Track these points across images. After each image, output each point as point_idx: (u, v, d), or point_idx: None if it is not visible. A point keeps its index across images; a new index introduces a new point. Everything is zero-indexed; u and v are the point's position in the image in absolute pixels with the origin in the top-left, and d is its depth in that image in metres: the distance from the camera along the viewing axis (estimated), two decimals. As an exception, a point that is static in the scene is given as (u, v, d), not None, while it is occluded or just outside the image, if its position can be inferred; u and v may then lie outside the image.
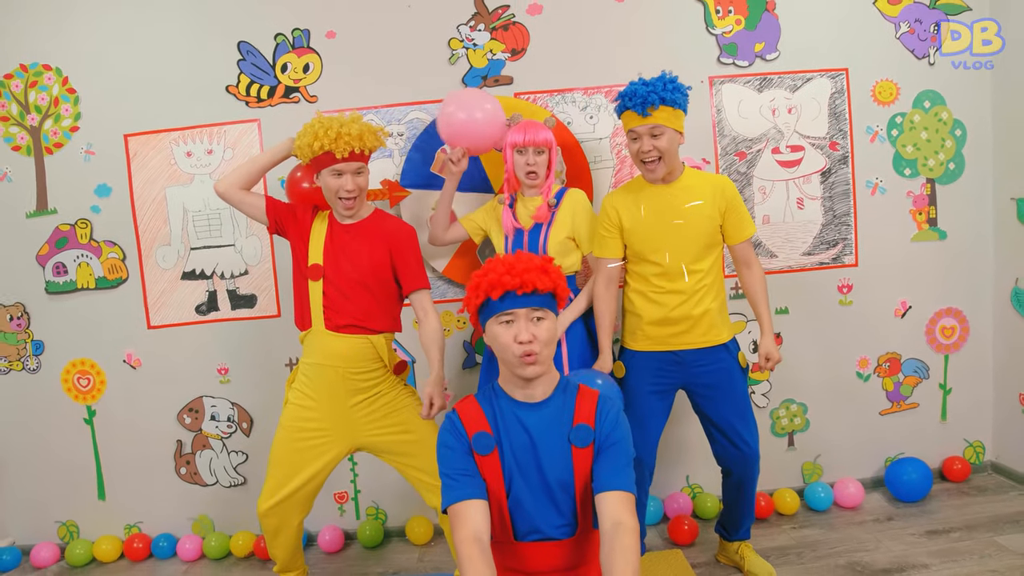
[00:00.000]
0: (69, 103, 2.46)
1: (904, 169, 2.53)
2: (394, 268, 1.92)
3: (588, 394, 1.37)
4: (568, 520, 1.34)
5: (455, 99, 2.12)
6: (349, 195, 1.86)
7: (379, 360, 1.90)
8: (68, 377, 2.55)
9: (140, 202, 2.48)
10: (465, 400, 1.40)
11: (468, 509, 1.27)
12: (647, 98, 1.84)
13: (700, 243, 1.93)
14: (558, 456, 1.32)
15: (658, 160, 1.89)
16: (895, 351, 2.58)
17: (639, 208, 1.96)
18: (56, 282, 2.51)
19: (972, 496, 2.47)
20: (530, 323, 1.30)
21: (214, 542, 2.50)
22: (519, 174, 2.09)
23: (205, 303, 2.50)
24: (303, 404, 1.91)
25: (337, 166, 1.84)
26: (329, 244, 1.90)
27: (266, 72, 2.44)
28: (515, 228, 2.09)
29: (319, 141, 1.80)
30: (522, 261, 1.31)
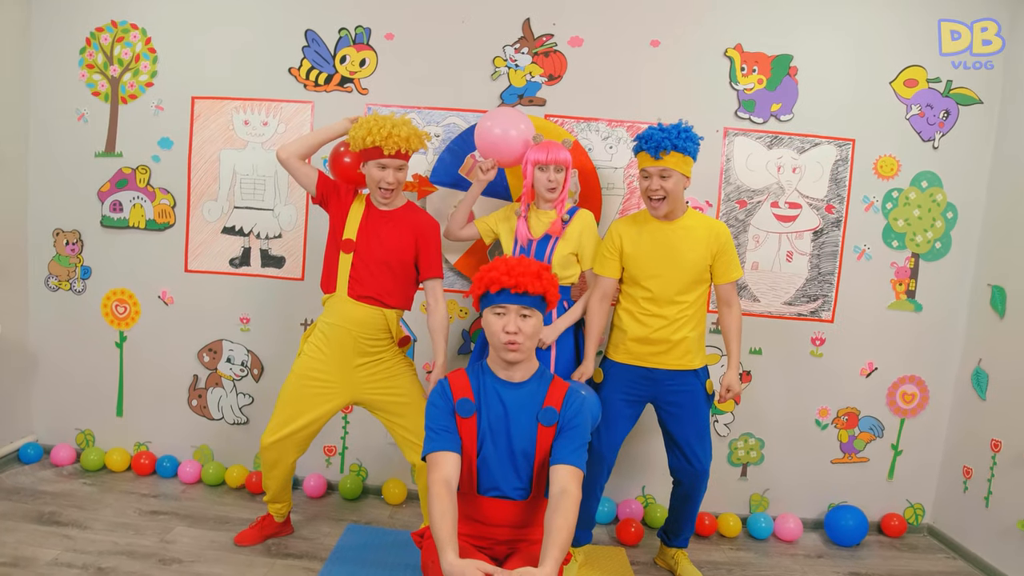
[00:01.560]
0: (148, 61, 2.74)
1: (892, 241, 2.71)
2: (416, 255, 2.17)
3: (560, 385, 1.63)
4: (524, 485, 1.59)
5: (495, 116, 2.36)
6: (389, 187, 2.11)
7: (388, 331, 2.16)
8: (108, 303, 2.84)
9: (196, 158, 2.76)
10: (457, 371, 1.67)
11: (443, 458, 1.52)
12: (661, 143, 2.06)
13: (689, 278, 2.15)
14: (526, 430, 1.57)
15: (663, 199, 2.11)
16: (855, 407, 2.77)
17: (640, 238, 2.18)
18: (111, 217, 2.80)
19: (902, 551, 2.66)
20: (518, 318, 1.55)
21: (212, 470, 2.78)
22: (539, 189, 2.28)
23: (239, 257, 2.78)
24: (316, 356, 2.16)
25: (383, 160, 2.07)
26: (364, 224, 2.14)
27: (326, 60, 2.70)
28: (528, 239, 2.29)
29: (372, 136, 2.03)
30: (521, 265, 1.56)
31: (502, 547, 1.60)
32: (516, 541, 1.61)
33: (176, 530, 2.37)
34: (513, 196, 2.66)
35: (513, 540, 1.60)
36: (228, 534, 2.36)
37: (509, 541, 1.60)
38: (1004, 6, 2.59)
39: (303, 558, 2.26)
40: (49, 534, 2.26)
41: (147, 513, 2.48)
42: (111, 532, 2.31)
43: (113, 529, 2.33)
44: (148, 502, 2.58)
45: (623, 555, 2.45)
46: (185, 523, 2.43)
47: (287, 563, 2.22)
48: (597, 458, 2.19)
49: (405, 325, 2.72)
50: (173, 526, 2.40)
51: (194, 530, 2.38)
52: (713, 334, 2.66)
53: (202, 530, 2.39)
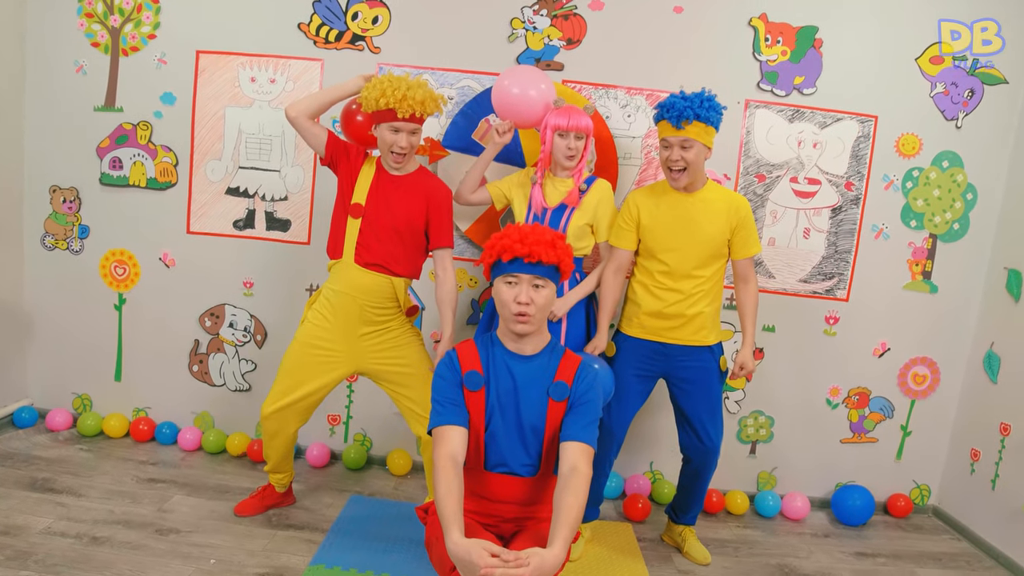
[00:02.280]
0: (151, 11, 2.63)
1: (911, 221, 2.68)
2: (427, 222, 2.10)
3: (572, 359, 1.57)
4: (533, 461, 1.54)
5: (512, 74, 2.26)
6: (401, 151, 2.02)
7: (395, 300, 2.10)
8: (106, 264, 2.76)
9: (200, 115, 2.66)
10: (465, 342, 1.60)
11: (450, 432, 1.46)
12: (683, 112, 1.99)
13: (706, 252, 2.10)
14: (536, 404, 1.52)
15: (683, 170, 2.05)
16: (866, 387, 2.75)
17: (658, 209, 2.12)
18: (111, 175, 2.71)
19: (907, 532, 2.66)
20: (531, 288, 1.48)
21: (212, 438, 2.72)
22: (558, 156, 2.19)
23: (243, 219, 2.70)
24: (320, 324, 2.10)
25: (396, 123, 1.98)
26: (375, 189, 2.07)
27: (338, 17, 2.60)
28: (543, 207, 2.21)
29: (385, 98, 1.94)
30: (535, 233, 1.49)
31: (509, 525, 1.56)
32: (524, 519, 1.56)
33: (174, 499, 2.32)
34: (527, 161, 2.59)
35: (521, 518, 1.56)
36: (228, 504, 2.31)
37: (516, 519, 1.56)
38: (1004, 6, 2.54)
39: (304, 529, 2.22)
40: (42, 501, 2.20)
41: (145, 481, 2.43)
42: (107, 500, 2.26)
43: (109, 497, 2.28)
44: (146, 469, 2.52)
45: (630, 531, 2.43)
46: (184, 492, 2.38)
47: (288, 534, 2.17)
48: (607, 434, 2.15)
49: (413, 294, 2.66)
50: (171, 495, 2.35)
51: (193, 499, 2.33)
52: (728, 310, 2.63)
53: (201, 499, 2.34)
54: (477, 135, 2.60)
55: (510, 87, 2.23)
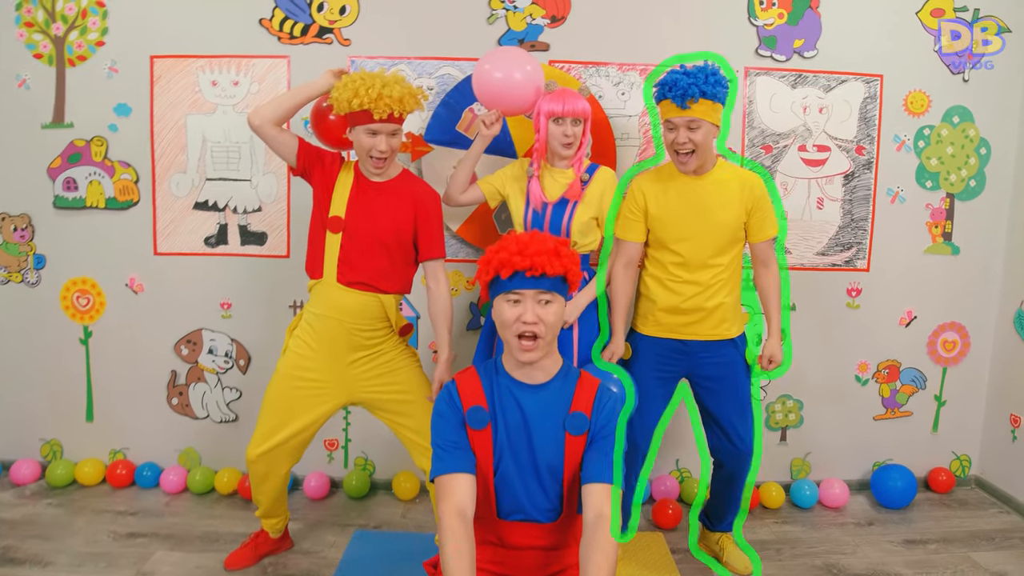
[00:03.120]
0: (97, 16, 2.41)
1: (926, 181, 2.54)
2: (415, 232, 1.91)
3: (589, 383, 1.36)
4: (554, 504, 1.34)
5: (493, 57, 2.08)
6: (381, 155, 1.83)
7: (386, 320, 1.89)
8: (67, 295, 2.51)
9: (159, 126, 2.44)
10: (465, 371, 1.39)
11: (455, 482, 1.26)
12: (687, 90, 1.78)
13: (723, 239, 1.91)
14: (551, 440, 1.31)
15: (691, 153, 1.86)
16: (895, 359, 2.60)
17: (667, 196, 1.93)
18: (65, 197, 2.47)
19: (953, 509, 2.50)
20: (537, 305, 1.28)
21: (199, 476, 2.48)
22: (554, 145, 2.01)
23: (215, 235, 2.48)
24: (303, 353, 1.89)
25: (373, 126, 1.79)
26: (354, 199, 1.86)
27: (302, 9, 2.40)
28: (542, 202, 2.03)
29: (359, 99, 1.75)
30: (535, 242, 1.29)
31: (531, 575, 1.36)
32: (547, 567, 1.36)
33: (156, 556, 2.06)
34: (519, 151, 2.41)
35: (544, 566, 1.36)
36: (218, 555, 2.05)
37: (540, 567, 1.35)
38: (1004, 6, 2.45)
39: (305, 577, 1.98)
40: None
41: (123, 537, 2.17)
42: (78, 567, 1.98)
43: (81, 563, 2.00)
44: (125, 522, 2.27)
45: (662, 541, 2.23)
46: (167, 545, 2.12)
47: (288, 585, 1.94)
48: (631, 446, 1.93)
49: (409, 304, 2.46)
50: (153, 551, 2.09)
51: (177, 553, 2.08)
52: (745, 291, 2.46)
53: (187, 552, 2.09)
54: (462, 127, 2.42)
55: (492, 71, 2.04)
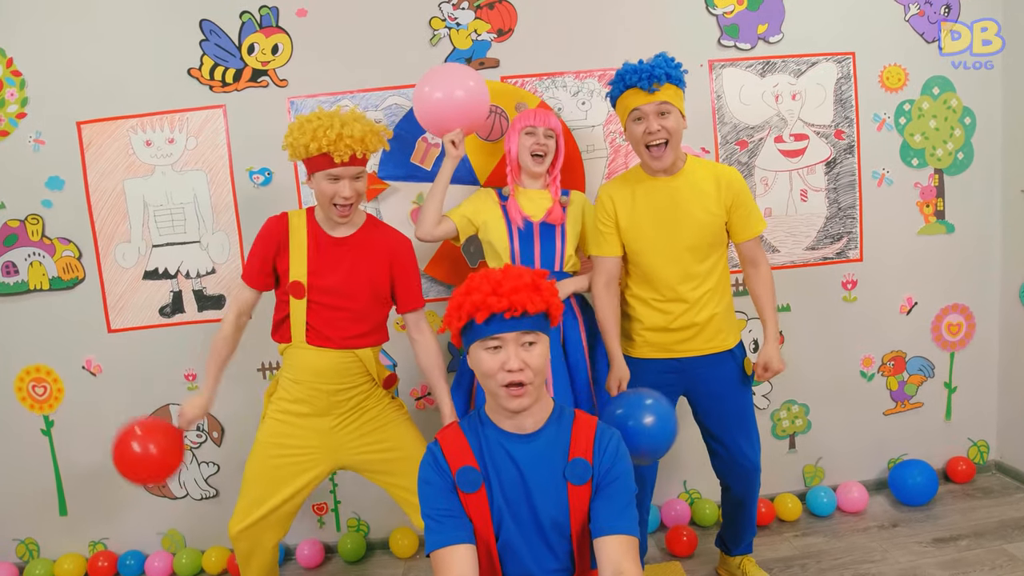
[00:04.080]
0: (15, 87, 2.25)
1: (912, 159, 2.41)
2: (392, 285, 1.78)
3: (585, 424, 1.24)
4: (564, 564, 1.22)
5: (430, 78, 1.94)
6: (346, 202, 1.68)
7: (366, 374, 1.77)
8: (22, 385, 2.36)
9: (96, 196, 2.28)
10: (448, 429, 1.26)
11: (452, 556, 1.14)
12: (653, 71, 1.66)
13: (703, 242, 1.77)
14: (552, 494, 1.19)
15: (665, 144, 1.70)
16: (900, 349, 2.48)
17: (635, 202, 1.79)
18: (7, 283, 2.31)
19: (978, 499, 2.39)
20: (520, 348, 1.15)
21: (185, 559, 2.35)
22: (524, 158, 1.92)
23: (170, 304, 2.33)
24: (283, 420, 1.76)
25: (335, 171, 1.65)
26: (315, 259, 1.72)
27: (231, 54, 2.25)
28: (525, 219, 1.91)
29: (316, 141, 1.61)
30: (510, 278, 1.15)
31: None
32: None
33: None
34: (480, 179, 2.27)
35: None
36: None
37: None
38: (1004, 6, 2.33)
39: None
40: None
41: (113, 631, 2.05)
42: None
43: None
44: (113, 614, 2.15)
45: (679, 570, 2.12)
46: (161, 633, 2.01)
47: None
48: (637, 478, 1.82)
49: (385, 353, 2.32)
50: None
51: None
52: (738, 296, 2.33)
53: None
54: (416, 158, 2.27)
55: (432, 93, 1.91)
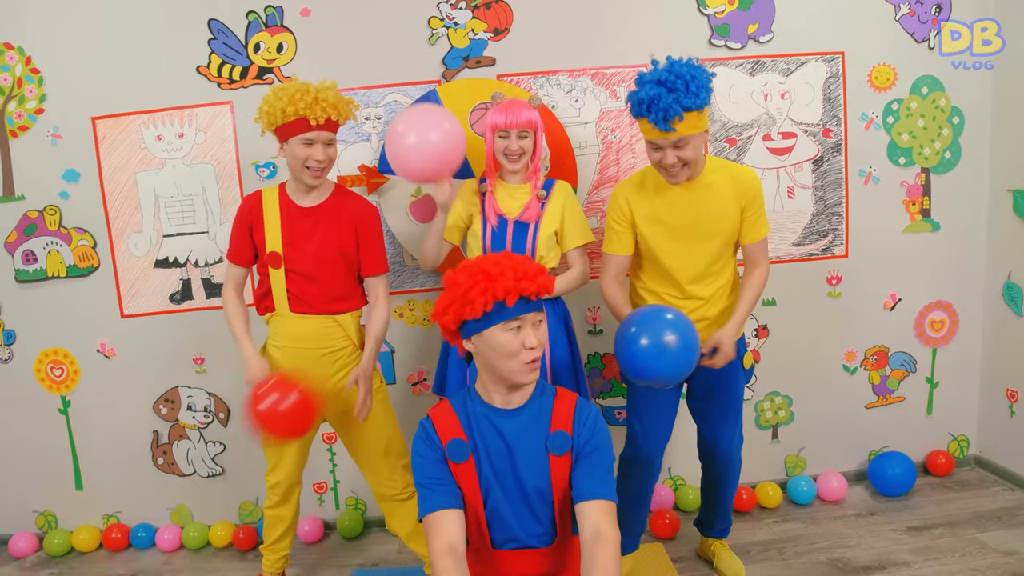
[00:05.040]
0: (33, 84, 2.36)
1: (899, 158, 2.46)
2: (358, 249, 1.88)
3: (566, 399, 1.34)
4: (547, 528, 1.32)
5: (403, 120, 1.89)
6: (319, 165, 1.78)
7: (348, 339, 1.88)
8: (41, 367, 2.50)
9: (110, 188, 2.40)
10: (439, 405, 1.37)
11: (443, 519, 1.24)
12: (669, 111, 1.58)
13: (720, 245, 1.80)
14: (536, 463, 1.29)
15: (682, 167, 1.70)
16: (883, 344, 2.54)
17: (654, 211, 1.79)
18: (26, 270, 2.44)
19: (955, 491, 2.46)
20: (534, 328, 1.26)
21: (193, 532, 2.48)
22: (500, 159, 1.94)
23: (179, 292, 2.44)
24: None
25: (309, 134, 1.75)
26: (287, 230, 1.83)
27: (238, 52, 2.34)
28: (498, 216, 1.95)
29: (294, 106, 1.71)
30: (525, 263, 1.26)
31: None
32: None
33: (161, 612, 2.08)
34: (475, 172, 2.35)
35: None
36: (220, 607, 2.08)
37: None
38: (1004, 6, 2.35)
39: (307, 620, 1.99)
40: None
41: (127, 597, 2.19)
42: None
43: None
44: (127, 583, 2.29)
45: (661, 551, 2.21)
46: (171, 601, 2.15)
47: (291, 627, 1.95)
48: (645, 464, 1.90)
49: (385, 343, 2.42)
50: (158, 608, 2.11)
51: (182, 607, 2.10)
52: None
53: (190, 607, 2.11)
54: (416, 153, 2.36)
55: (405, 136, 1.84)
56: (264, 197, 1.87)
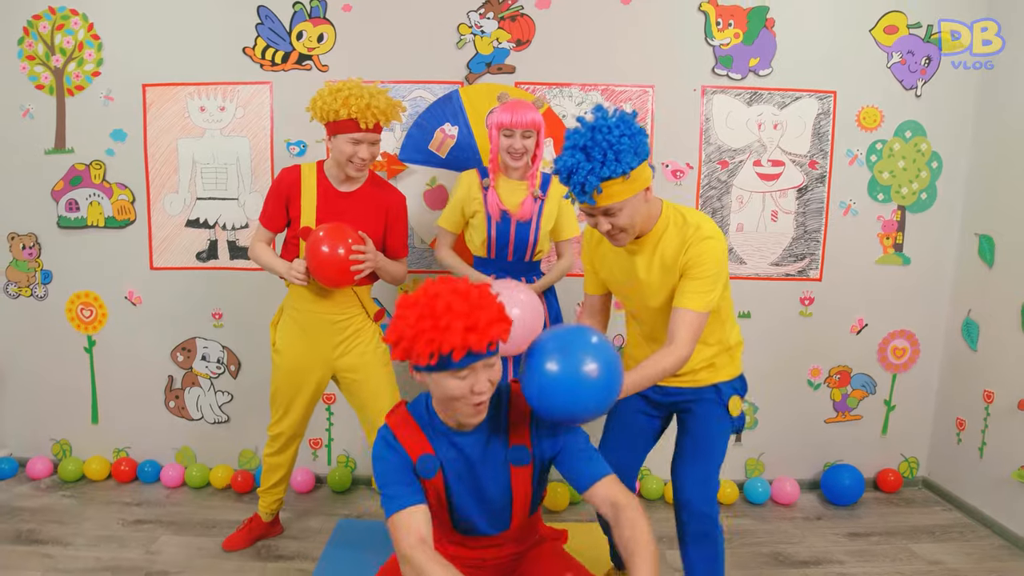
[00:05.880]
0: (93, 48, 2.59)
1: (878, 194, 2.65)
2: (385, 235, 2.07)
3: (519, 408, 1.32)
4: (506, 526, 1.38)
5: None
6: (363, 163, 1.95)
7: (360, 308, 2.07)
8: (72, 307, 2.72)
9: (152, 150, 2.62)
10: (398, 415, 1.31)
11: (411, 517, 1.22)
12: (586, 184, 1.38)
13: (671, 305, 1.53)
14: (498, 478, 1.31)
15: (620, 232, 1.49)
16: (847, 364, 2.73)
17: (605, 263, 1.66)
18: (68, 217, 2.67)
19: (899, 507, 2.65)
20: (486, 371, 1.18)
21: (195, 472, 2.70)
22: (503, 156, 2.07)
23: (206, 251, 2.66)
24: (293, 346, 2.07)
25: (356, 135, 1.90)
26: (323, 209, 2.01)
27: (282, 38, 2.56)
28: (501, 211, 2.10)
29: (347, 108, 1.86)
30: (479, 307, 1.13)
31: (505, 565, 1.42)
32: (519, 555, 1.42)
33: (162, 539, 2.29)
34: (484, 158, 2.53)
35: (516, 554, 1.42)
36: (216, 539, 2.29)
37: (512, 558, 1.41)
38: (1004, 6, 2.48)
39: (295, 559, 2.20)
40: (29, 554, 2.17)
41: (131, 523, 2.40)
42: (94, 547, 2.23)
43: (96, 544, 2.25)
44: (131, 511, 2.50)
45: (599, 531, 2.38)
46: (170, 531, 2.35)
47: (279, 566, 2.15)
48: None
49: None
50: (158, 535, 2.32)
51: (180, 538, 2.31)
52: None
53: (189, 537, 2.31)
54: (434, 146, 2.57)
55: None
56: (303, 173, 2.04)
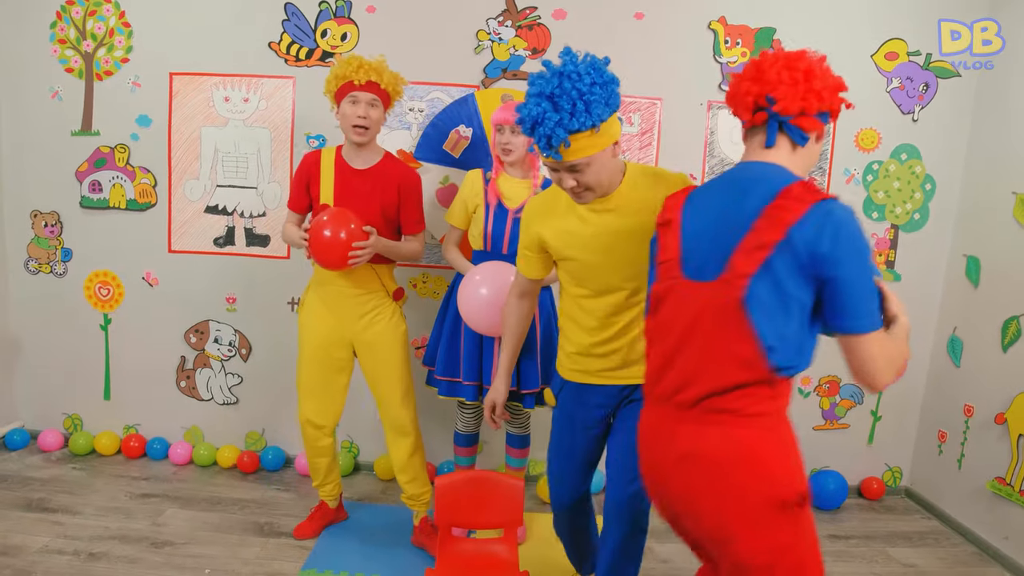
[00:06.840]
0: (123, 36, 2.67)
1: (872, 213, 2.76)
2: (399, 210, 2.14)
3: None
4: None
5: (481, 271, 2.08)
6: (361, 121, 2.00)
7: (381, 286, 2.15)
8: (90, 285, 2.80)
9: (176, 136, 2.71)
10: None
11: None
12: (552, 138, 1.29)
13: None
14: None
15: (585, 190, 1.42)
16: (836, 375, 2.84)
17: (566, 229, 1.51)
18: (91, 198, 2.75)
19: (880, 513, 2.75)
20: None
21: (203, 451, 2.78)
22: (498, 152, 2.15)
23: (223, 237, 2.75)
24: (317, 327, 2.14)
25: (354, 93, 1.99)
26: (340, 187, 2.09)
27: (307, 35, 2.65)
28: (498, 199, 2.17)
29: (343, 70, 2.00)
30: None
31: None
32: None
33: (168, 512, 2.38)
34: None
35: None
36: (220, 515, 2.38)
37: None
38: (1004, 6, 2.58)
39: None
40: (39, 521, 2.26)
41: (138, 496, 2.49)
42: (102, 517, 2.31)
43: (104, 514, 2.34)
44: (139, 485, 2.58)
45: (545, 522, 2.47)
46: (176, 504, 2.44)
47: (280, 541, 2.25)
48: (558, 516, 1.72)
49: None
50: (165, 508, 2.41)
51: (186, 512, 2.40)
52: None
53: (194, 511, 2.40)
54: (448, 146, 2.67)
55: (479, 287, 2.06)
56: (322, 156, 2.15)
